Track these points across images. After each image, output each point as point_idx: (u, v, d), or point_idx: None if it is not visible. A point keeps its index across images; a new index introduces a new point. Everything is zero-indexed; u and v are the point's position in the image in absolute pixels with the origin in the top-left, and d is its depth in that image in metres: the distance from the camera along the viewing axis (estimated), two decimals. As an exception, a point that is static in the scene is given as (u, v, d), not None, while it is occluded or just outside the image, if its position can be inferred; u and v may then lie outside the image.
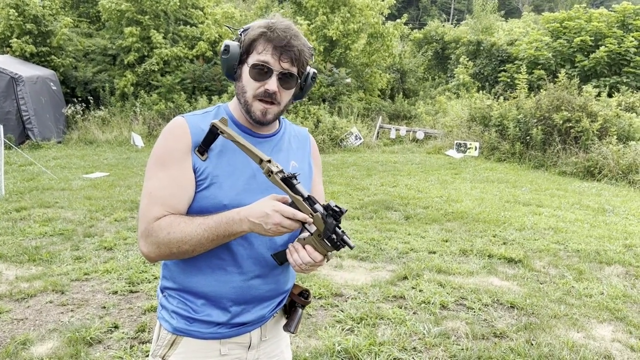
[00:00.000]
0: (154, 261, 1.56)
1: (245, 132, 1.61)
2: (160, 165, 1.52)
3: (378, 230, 6.57)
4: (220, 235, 1.46)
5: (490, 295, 4.55)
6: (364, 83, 17.88)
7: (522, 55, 17.67)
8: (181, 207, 1.52)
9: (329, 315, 4.05)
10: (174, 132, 1.55)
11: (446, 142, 14.55)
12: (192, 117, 1.59)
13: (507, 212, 7.72)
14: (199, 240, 1.46)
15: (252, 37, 1.51)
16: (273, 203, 1.41)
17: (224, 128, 1.45)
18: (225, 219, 1.45)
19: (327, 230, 1.41)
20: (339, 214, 1.41)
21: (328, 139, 14.27)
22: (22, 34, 14.99)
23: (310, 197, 1.43)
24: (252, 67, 1.51)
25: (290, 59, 1.51)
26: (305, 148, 1.80)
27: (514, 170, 11.67)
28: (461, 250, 5.83)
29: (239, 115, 1.63)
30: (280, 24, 1.52)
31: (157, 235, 1.48)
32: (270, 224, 1.39)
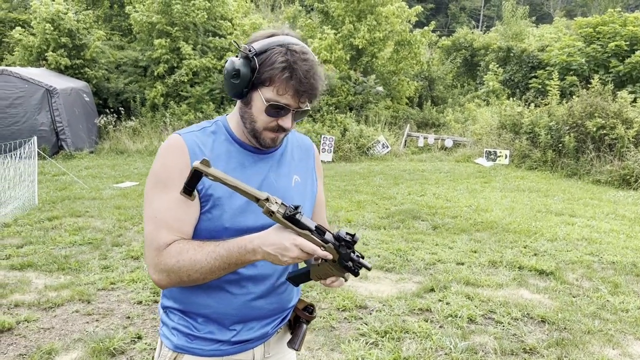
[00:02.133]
0: (165, 288, 1.52)
1: (246, 149, 1.56)
2: (162, 187, 1.45)
3: (405, 240, 6.47)
4: (232, 264, 1.40)
5: (520, 309, 4.41)
6: (392, 91, 17.78)
7: (553, 61, 17.31)
8: (188, 230, 1.47)
9: (353, 328, 3.98)
10: (171, 151, 1.49)
11: (475, 150, 14.33)
12: (189, 134, 1.53)
13: (539, 222, 7.52)
14: (210, 269, 1.41)
15: (271, 73, 1.41)
16: (293, 237, 1.34)
17: (208, 171, 1.31)
18: (237, 248, 1.38)
19: (343, 260, 1.40)
20: (352, 243, 1.38)
21: (355, 147, 14.21)
22: (57, 47, 15.41)
23: (319, 227, 1.38)
24: (269, 106, 1.43)
25: (310, 100, 1.47)
26: (309, 160, 1.75)
27: (545, 179, 11.39)
28: (490, 262, 5.69)
29: (239, 132, 1.57)
30: (302, 61, 1.41)
31: (167, 263, 1.43)
32: (287, 257, 1.34)
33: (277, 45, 1.43)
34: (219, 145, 1.54)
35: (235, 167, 1.52)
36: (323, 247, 1.36)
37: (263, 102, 1.44)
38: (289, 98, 1.43)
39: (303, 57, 1.42)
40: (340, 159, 13.94)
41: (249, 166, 1.55)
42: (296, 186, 1.64)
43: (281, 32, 1.49)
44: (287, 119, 1.46)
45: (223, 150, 1.54)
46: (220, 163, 1.51)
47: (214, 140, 1.54)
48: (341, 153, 13.97)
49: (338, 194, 9.29)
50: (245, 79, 1.43)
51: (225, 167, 1.51)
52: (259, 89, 1.45)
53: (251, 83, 1.44)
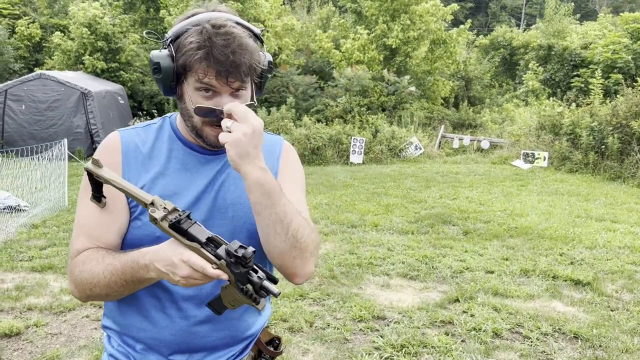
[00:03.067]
0: (83, 301, 1.35)
1: (192, 148, 1.37)
2: (86, 189, 1.28)
3: (432, 246, 6.19)
4: (129, 280, 1.19)
5: (551, 323, 4.09)
6: (426, 91, 17.40)
7: (597, 58, 16.58)
8: (109, 239, 1.29)
9: (367, 341, 3.76)
10: (103, 150, 1.33)
11: (513, 151, 13.81)
12: (128, 131, 1.37)
13: (577, 228, 7.10)
14: (108, 285, 1.22)
15: (186, 58, 1.21)
16: (181, 251, 1.10)
17: (97, 172, 1.17)
18: (130, 262, 1.18)
19: (239, 282, 1.10)
20: (243, 260, 1.07)
21: (386, 149, 13.92)
22: (94, 51, 15.74)
23: (212, 239, 1.11)
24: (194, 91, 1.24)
25: (240, 78, 1.23)
26: (271, 160, 1.47)
27: (586, 182, 10.84)
28: (522, 270, 5.36)
29: (184, 130, 1.38)
30: (218, 36, 1.19)
31: (73, 273, 1.27)
32: (178, 276, 1.11)
33: (192, 25, 1.23)
34: (161, 143, 1.37)
35: (177, 169, 1.34)
36: (215, 265, 1.09)
37: (189, 94, 1.25)
38: (213, 80, 1.22)
39: (219, 30, 1.20)
40: (371, 161, 13.67)
41: (193, 168, 1.36)
42: None
43: (205, 9, 1.28)
44: None
45: (164, 149, 1.36)
46: (159, 163, 1.34)
47: (156, 138, 1.37)
48: (372, 155, 13.70)
49: (366, 197, 9.06)
50: (167, 71, 1.24)
51: (164, 168, 1.33)
52: (184, 79, 1.26)
53: (175, 74, 1.25)
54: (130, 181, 1.28)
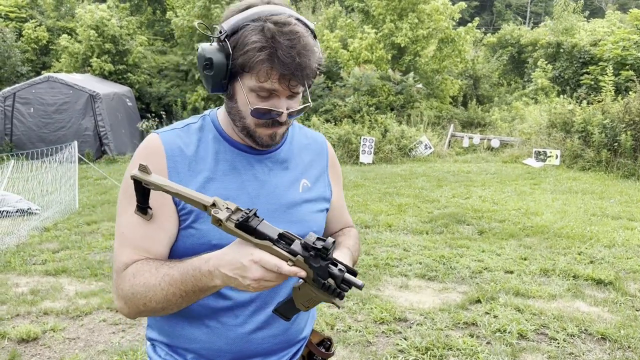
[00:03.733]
0: (131, 318, 1.25)
1: (239, 148, 1.29)
2: (130, 198, 1.18)
3: (449, 246, 6.10)
4: (190, 290, 1.10)
5: (577, 324, 4.00)
6: (435, 90, 17.30)
7: (607, 55, 16.42)
8: (159, 250, 1.20)
9: (391, 344, 3.68)
10: (144, 154, 1.23)
11: (524, 150, 13.68)
12: (168, 133, 1.27)
13: (594, 226, 6.99)
14: (165, 297, 1.12)
15: (247, 57, 1.12)
16: (250, 251, 1.02)
17: (147, 179, 1.08)
18: (192, 270, 1.09)
19: (319, 277, 1.04)
20: (324, 252, 1.01)
21: (396, 148, 13.83)
22: (101, 53, 15.74)
23: (284, 235, 1.05)
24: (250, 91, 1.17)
25: (302, 83, 1.17)
26: (320, 159, 1.45)
27: (600, 180, 10.71)
28: (542, 270, 5.27)
29: (229, 128, 1.29)
30: (283, 35, 1.11)
31: (123, 288, 1.17)
32: (249, 279, 1.02)
33: (251, 21, 1.13)
34: (206, 145, 1.28)
35: (226, 171, 1.26)
36: (291, 262, 1.02)
37: (245, 95, 1.17)
38: (275, 83, 1.14)
39: (283, 29, 1.11)
40: (381, 161, 13.59)
41: (243, 169, 1.28)
42: (304, 191, 1.36)
43: (261, 2, 1.18)
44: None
45: (210, 151, 1.27)
46: (207, 166, 1.25)
47: (200, 139, 1.28)
48: (382, 154, 13.61)
49: (378, 197, 8.98)
50: (221, 68, 1.15)
51: (213, 172, 1.25)
52: (239, 78, 1.17)
53: (229, 72, 1.17)
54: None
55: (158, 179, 1.08)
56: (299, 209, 1.32)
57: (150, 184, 1.08)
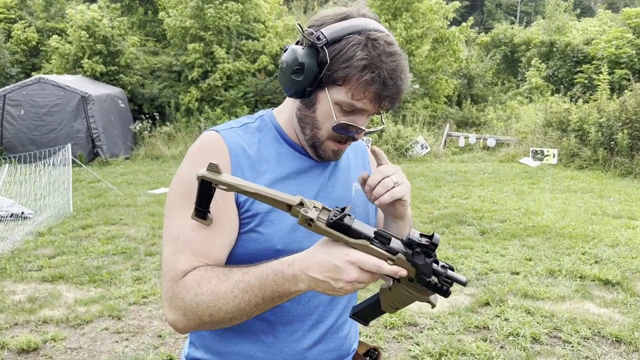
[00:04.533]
0: (184, 333, 1.14)
1: (297, 150, 1.22)
2: (188, 199, 1.08)
3: (452, 247, 6.04)
4: (268, 298, 1.02)
5: (590, 326, 3.94)
6: (429, 90, 17.26)
7: (600, 54, 16.46)
8: (219, 256, 1.11)
9: (403, 350, 3.60)
10: (205, 152, 1.14)
11: (520, 149, 13.67)
12: (229, 131, 1.19)
13: (595, 225, 6.95)
14: (238, 306, 1.02)
15: (347, 72, 1.06)
16: (345, 251, 0.94)
17: (218, 179, 0.98)
18: (272, 275, 1.00)
19: (423, 275, 0.96)
20: (431, 248, 0.95)
21: (392, 148, 13.77)
22: (92, 54, 15.53)
23: (380, 233, 0.97)
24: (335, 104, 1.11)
25: (394, 104, 1.13)
26: (364, 161, 1.41)
27: (597, 179, 10.71)
28: (548, 271, 5.21)
29: (290, 131, 1.23)
30: (388, 56, 1.06)
31: (183, 298, 1.05)
32: (342, 282, 0.94)
33: (354, 33, 1.07)
34: (267, 146, 1.20)
35: (289, 174, 1.19)
36: (390, 261, 0.95)
37: (332, 107, 1.10)
38: (367, 103, 1.09)
39: (388, 49, 1.07)
40: (378, 161, 13.51)
41: (304, 173, 1.22)
42: (357, 195, 1.30)
43: (357, 13, 1.11)
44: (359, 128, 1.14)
45: (272, 153, 1.20)
46: (270, 168, 1.17)
47: (260, 140, 1.20)
48: (378, 155, 13.53)
49: (377, 197, 8.89)
50: (311, 75, 1.08)
51: (275, 174, 1.17)
52: (327, 87, 1.10)
53: (318, 80, 1.10)
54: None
55: (233, 179, 0.98)
56: (354, 212, 1.26)
57: (223, 185, 0.97)
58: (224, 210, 1.11)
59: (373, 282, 0.99)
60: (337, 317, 1.25)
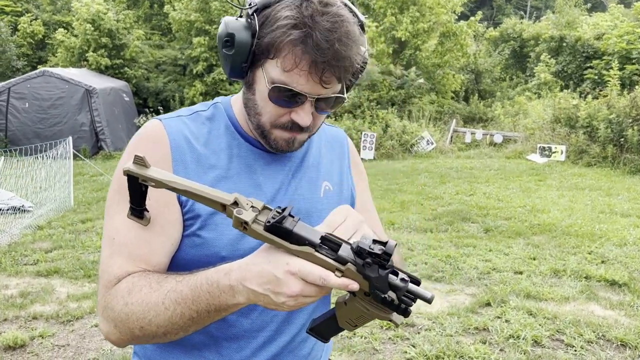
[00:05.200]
0: (121, 346, 1.01)
1: (254, 145, 1.08)
2: (124, 197, 0.96)
3: (454, 245, 5.90)
4: (203, 310, 0.87)
5: (594, 329, 3.80)
6: (436, 85, 17.08)
7: (611, 49, 16.20)
8: (159, 260, 0.98)
9: (399, 351, 3.48)
10: (144, 143, 1.02)
11: (527, 145, 13.48)
12: (175, 120, 1.05)
13: (603, 224, 6.79)
14: (170, 319, 0.88)
15: (274, 36, 0.91)
16: (285, 260, 0.80)
17: (144, 174, 0.85)
18: (206, 285, 0.86)
19: (377, 290, 0.80)
20: (384, 257, 0.78)
21: (397, 144, 13.63)
22: (97, 47, 15.50)
23: (327, 238, 0.82)
24: (273, 89, 0.94)
25: (337, 77, 0.94)
26: (342, 158, 1.24)
27: (606, 176, 10.51)
28: (553, 271, 5.07)
29: (245, 123, 1.08)
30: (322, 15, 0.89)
31: (113, 307, 0.93)
32: (284, 296, 0.80)
33: None
34: (217, 137, 1.07)
35: (241, 170, 1.05)
36: (339, 272, 0.80)
37: (266, 84, 0.95)
38: (303, 77, 0.92)
39: (323, 9, 0.90)
40: (382, 157, 13.38)
41: (260, 169, 1.08)
42: (327, 196, 1.15)
43: None
44: (302, 111, 0.96)
45: (222, 146, 1.06)
46: (219, 162, 1.04)
47: (210, 131, 1.07)
48: (383, 150, 13.41)
49: (380, 193, 8.77)
50: (243, 47, 0.94)
51: (226, 169, 1.04)
52: (262, 63, 0.96)
53: (252, 54, 0.95)
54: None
55: (160, 173, 0.85)
56: (321, 215, 1.09)
57: (149, 180, 0.85)
58: (165, 209, 0.98)
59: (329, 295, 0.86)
60: (295, 334, 1.10)
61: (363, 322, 0.89)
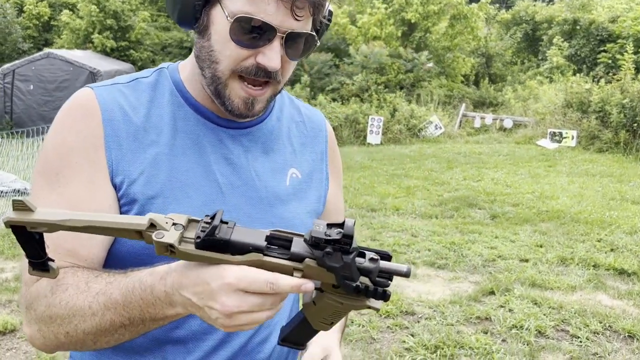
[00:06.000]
0: (48, 353, 0.88)
1: (206, 116, 0.93)
2: (51, 178, 0.83)
3: (459, 232, 5.77)
4: (136, 319, 0.74)
5: (600, 320, 3.67)
6: (446, 68, 16.80)
7: (626, 32, 15.80)
8: (91, 254, 0.84)
9: (397, 341, 3.38)
10: (72, 116, 0.86)
11: (538, 130, 13.23)
12: (109, 88, 0.90)
13: (613, 211, 6.63)
14: (98, 326, 0.75)
15: None
16: (222, 270, 0.65)
17: (30, 219, 0.65)
18: (139, 290, 0.72)
19: (346, 280, 0.67)
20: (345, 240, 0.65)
21: (405, 128, 13.43)
22: (103, 29, 15.39)
23: (275, 237, 0.69)
24: (236, 20, 0.79)
25: (311, 7, 0.80)
26: (317, 145, 1.07)
27: (618, 163, 10.29)
28: (559, 258, 4.93)
29: (195, 88, 0.92)
30: None
31: (36, 308, 0.80)
32: (217, 312, 0.66)
33: None
34: (159, 108, 0.91)
35: (187, 147, 0.90)
36: (298, 272, 0.67)
37: (227, 20, 0.80)
38: (272, 3, 0.78)
39: None
40: (389, 142, 13.20)
41: (210, 147, 0.92)
42: (293, 185, 1.00)
43: None
44: (271, 51, 0.81)
45: (165, 117, 0.91)
46: (160, 138, 0.89)
47: (152, 100, 0.92)
48: (390, 135, 13.22)
49: (385, 178, 8.64)
50: None
51: (169, 146, 0.89)
52: (220, 3, 0.81)
53: None
54: (120, 166, 0.85)
55: (50, 214, 0.66)
56: (284, 207, 0.97)
57: (39, 226, 0.66)
58: (96, 193, 0.84)
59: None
60: (251, 335, 0.96)
61: (340, 317, 0.78)
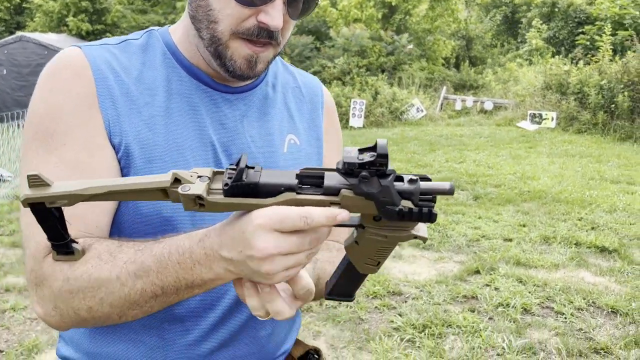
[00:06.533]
0: (63, 330, 0.82)
1: (201, 79, 0.88)
2: (46, 140, 0.78)
3: (443, 212, 5.79)
4: (170, 287, 0.69)
5: (584, 296, 3.72)
6: (427, 51, 16.79)
7: (603, 14, 15.96)
8: (96, 221, 0.79)
9: (385, 321, 3.38)
10: (60, 75, 0.80)
11: (518, 112, 13.35)
12: (98, 48, 0.85)
13: (593, 190, 6.72)
14: (127, 297, 0.71)
15: None
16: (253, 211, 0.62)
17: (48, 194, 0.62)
18: (176, 254, 0.68)
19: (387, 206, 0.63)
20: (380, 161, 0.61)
21: (387, 111, 13.43)
22: (77, 12, 15.01)
23: (305, 174, 0.65)
24: None
25: None
26: (314, 110, 1.04)
27: (596, 143, 10.44)
28: (542, 237, 4.99)
29: (189, 49, 0.88)
30: None
31: (51, 284, 0.74)
32: (256, 260, 0.61)
33: None
34: (152, 70, 0.87)
35: (182, 110, 0.86)
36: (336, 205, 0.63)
37: None
38: None
39: None
40: (372, 125, 13.19)
41: (205, 110, 0.88)
42: (291, 151, 0.96)
43: None
44: (272, 9, 0.78)
45: (160, 80, 0.87)
46: (153, 100, 0.84)
47: (144, 62, 0.87)
48: (372, 118, 13.21)
49: (369, 161, 8.64)
50: None
51: (164, 108, 0.85)
52: None
53: None
54: (117, 126, 0.80)
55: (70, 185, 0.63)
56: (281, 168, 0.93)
57: (58, 200, 0.62)
58: (96, 156, 0.79)
59: None
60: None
61: (385, 255, 0.72)
